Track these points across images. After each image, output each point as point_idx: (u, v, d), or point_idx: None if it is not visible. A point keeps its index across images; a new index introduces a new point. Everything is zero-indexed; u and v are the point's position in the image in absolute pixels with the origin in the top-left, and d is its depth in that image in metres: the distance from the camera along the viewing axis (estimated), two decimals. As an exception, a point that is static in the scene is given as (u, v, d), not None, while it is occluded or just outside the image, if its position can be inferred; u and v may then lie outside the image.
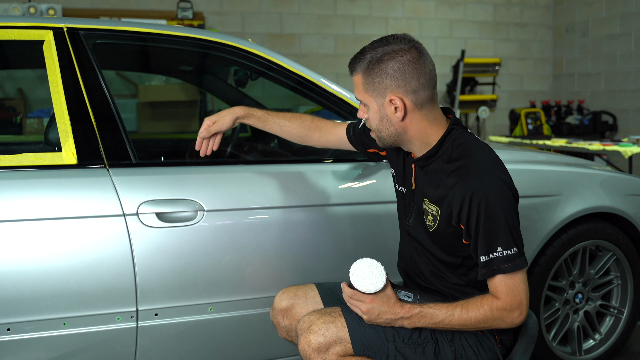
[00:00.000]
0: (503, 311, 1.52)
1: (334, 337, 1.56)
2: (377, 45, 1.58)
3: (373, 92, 1.60)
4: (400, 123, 1.60)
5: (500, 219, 1.50)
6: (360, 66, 1.60)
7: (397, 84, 1.56)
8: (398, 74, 1.55)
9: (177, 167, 2.02)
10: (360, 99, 1.65)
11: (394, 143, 1.67)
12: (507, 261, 1.50)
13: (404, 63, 1.55)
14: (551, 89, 8.52)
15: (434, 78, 1.60)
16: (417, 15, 7.77)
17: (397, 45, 1.57)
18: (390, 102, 1.58)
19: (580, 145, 5.15)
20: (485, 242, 1.51)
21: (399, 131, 1.62)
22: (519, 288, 1.52)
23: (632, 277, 2.61)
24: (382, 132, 1.64)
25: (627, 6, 7.32)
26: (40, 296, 1.74)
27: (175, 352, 1.92)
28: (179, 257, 1.87)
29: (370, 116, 1.64)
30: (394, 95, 1.57)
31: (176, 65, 3.09)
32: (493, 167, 1.56)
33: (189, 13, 6.63)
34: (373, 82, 1.58)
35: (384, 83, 1.57)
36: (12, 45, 2.20)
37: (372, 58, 1.57)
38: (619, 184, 2.58)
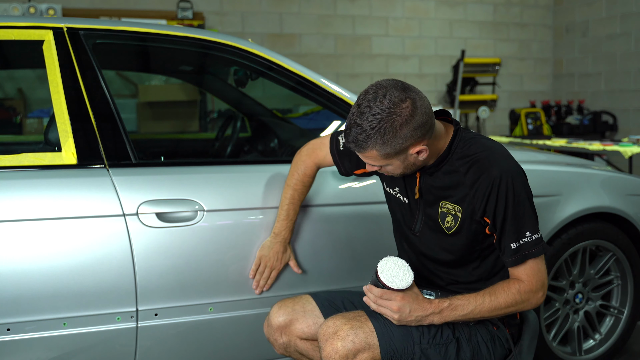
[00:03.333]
0: (530, 293, 1.57)
1: (363, 343, 1.52)
2: (374, 117, 1.46)
3: (395, 156, 1.53)
4: (424, 159, 1.59)
5: (526, 204, 1.56)
6: (374, 141, 1.48)
7: (416, 137, 1.50)
8: (412, 130, 1.49)
9: (177, 167, 2.02)
10: (379, 165, 1.57)
11: (415, 171, 1.65)
12: (535, 245, 1.56)
13: (412, 117, 1.47)
14: (551, 89, 8.52)
15: (429, 103, 1.56)
16: (417, 15, 7.76)
17: (390, 103, 1.46)
18: (416, 153, 1.54)
19: (580, 145, 5.15)
20: (514, 228, 1.55)
21: (419, 165, 1.61)
22: (542, 269, 1.58)
23: (632, 277, 2.61)
24: (406, 172, 1.63)
25: (627, 6, 7.32)
26: (40, 296, 1.73)
27: (175, 352, 1.92)
28: (179, 257, 1.87)
29: (390, 169, 1.60)
30: (416, 147, 1.53)
31: (176, 65, 3.09)
32: (507, 156, 1.60)
33: (189, 13, 6.63)
34: (393, 149, 1.50)
35: (405, 144, 1.50)
36: (12, 45, 2.20)
37: (382, 129, 1.46)
38: (619, 184, 2.58)
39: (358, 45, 7.51)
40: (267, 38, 7.05)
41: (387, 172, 1.63)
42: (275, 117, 3.41)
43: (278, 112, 3.86)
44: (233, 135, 2.87)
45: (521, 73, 8.35)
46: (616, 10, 7.45)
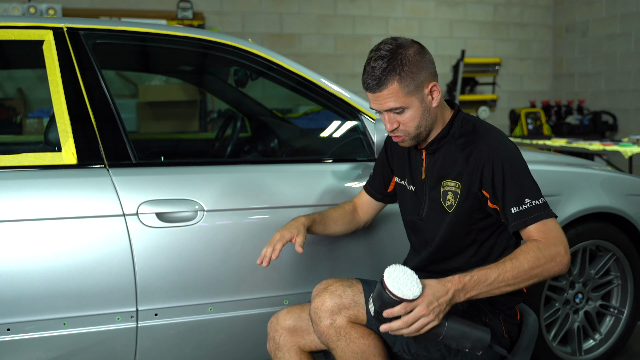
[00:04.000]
0: (550, 248, 1.49)
1: (350, 300, 1.56)
2: (385, 52, 1.57)
3: (415, 90, 1.59)
4: (435, 109, 1.65)
5: (522, 172, 1.58)
6: (392, 74, 1.56)
7: (429, 71, 1.61)
8: (425, 62, 1.60)
9: (177, 167, 2.01)
10: (397, 107, 1.60)
11: (426, 135, 1.68)
12: (538, 210, 1.54)
13: (421, 53, 1.60)
14: (551, 89, 8.52)
15: None
16: (417, 15, 7.77)
17: (399, 43, 1.59)
18: (429, 92, 1.61)
19: (580, 145, 5.15)
20: (514, 195, 1.55)
21: (433, 118, 1.66)
22: (556, 228, 1.53)
23: (632, 277, 2.61)
24: (421, 127, 1.65)
25: (627, 6, 7.32)
26: (40, 296, 1.73)
27: (175, 352, 1.92)
28: (179, 257, 1.87)
29: (408, 118, 1.62)
30: (431, 83, 1.61)
31: (176, 65, 3.09)
32: (501, 134, 1.66)
33: (189, 13, 6.63)
34: (413, 80, 1.57)
35: (421, 76, 1.59)
36: (12, 45, 2.20)
37: (399, 61, 1.56)
38: (619, 184, 2.58)
39: (358, 45, 7.51)
40: (267, 38, 7.05)
41: (404, 127, 1.63)
42: (275, 117, 3.41)
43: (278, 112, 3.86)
44: (233, 135, 2.87)
45: (521, 73, 8.35)
46: (616, 10, 7.45)
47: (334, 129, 2.56)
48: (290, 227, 1.79)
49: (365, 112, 2.19)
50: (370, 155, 2.18)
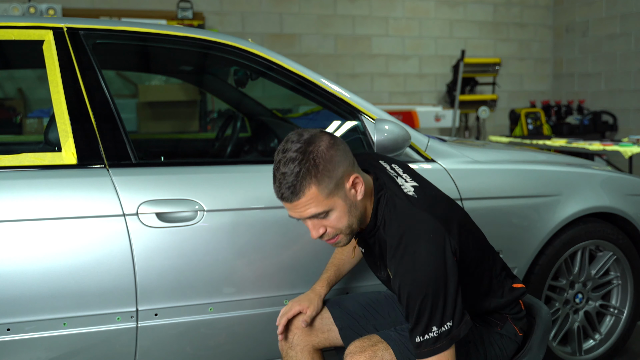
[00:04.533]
0: None
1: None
2: (293, 153, 1.42)
3: (335, 189, 1.45)
4: (361, 201, 1.52)
5: (437, 295, 1.41)
6: (307, 177, 1.41)
7: (347, 162, 1.48)
8: (340, 155, 1.46)
9: (177, 167, 2.01)
10: (320, 212, 1.46)
11: (360, 228, 1.57)
12: (439, 340, 1.41)
13: (334, 145, 1.46)
14: (551, 89, 8.52)
15: None
16: (417, 15, 7.77)
17: (309, 137, 1.45)
18: (351, 186, 1.48)
19: (580, 145, 5.15)
20: (418, 324, 1.43)
21: (362, 211, 1.54)
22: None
23: (632, 277, 2.61)
24: (353, 224, 1.52)
25: (627, 6, 7.32)
26: (40, 296, 1.73)
27: (175, 352, 1.92)
28: (179, 257, 1.87)
29: (335, 220, 1.49)
30: (349, 175, 1.48)
31: (176, 65, 3.09)
32: (424, 240, 1.44)
33: (189, 13, 6.63)
34: (331, 179, 1.43)
35: (339, 171, 1.45)
36: (12, 45, 2.20)
37: (311, 161, 1.41)
38: (619, 184, 2.58)
39: (358, 45, 7.51)
40: (267, 38, 7.05)
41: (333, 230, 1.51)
42: (275, 117, 3.41)
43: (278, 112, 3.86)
44: (233, 135, 2.87)
45: (521, 73, 8.36)
46: (616, 10, 7.45)
47: (334, 129, 2.55)
48: (304, 299, 1.78)
49: (365, 112, 2.19)
50: (370, 155, 2.18)
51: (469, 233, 1.61)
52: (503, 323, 1.68)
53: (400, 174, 1.64)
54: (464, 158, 2.32)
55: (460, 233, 1.53)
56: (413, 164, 2.21)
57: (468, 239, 1.58)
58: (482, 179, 2.29)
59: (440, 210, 1.54)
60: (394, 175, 1.62)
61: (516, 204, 2.31)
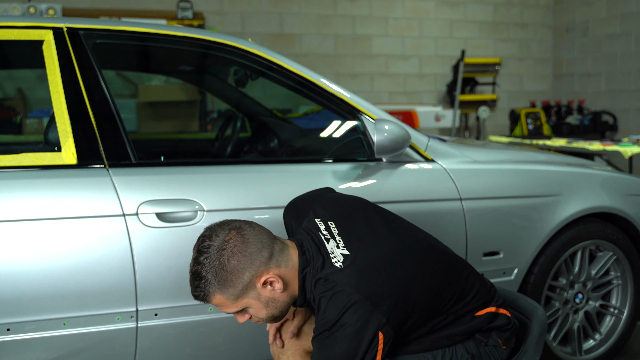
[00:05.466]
0: None
1: None
2: (201, 259, 1.45)
3: (242, 293, 1.46)
4: (283, 294, 1.51)
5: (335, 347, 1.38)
6: (212, 287, 1.44)
7: (256, 266, 1.46)
8: (248, 257, 1.45)
9: (177, 167, 2.01)
10: (236, 311, 1.50)
11: (285, 314, 1.57)
12: None
13: (240, 251, 1.45)
14: (551, 89, 8.52)
15: (267, 232, 1.52)
16: (417, 15, 7.77)
17: (215, 241, 1.45)
18: (263, 287, 1.48)
19: (580, 145, 5.15)
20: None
21: (286, 300, 1.53)
22: None
23: (632, 277, 2.61)
24: (275, 315, 1.53)
25: (627, 6, 7.32)
26: (40, 296, 1.73)
27: (175, 352, 1.92)
28: (179, 257, 1.87)
29: (254, 313, 1.51)
30: (261, 278, 1.47)
31: (176, 65, 3.09)
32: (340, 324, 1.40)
33: (189, 13, 6.63)
34: (234, 287, 1.45)
35: (244, 278, 1.45)
36: (12, 45, 2.20)
37: (214, 272, 1.43)
38: (619, 184, 2.58)
39: (358, 45, 7.51)
40: (267, 38, 7.05)
41: (257, 319, 1.53)
42: (275, 117, 3.41)
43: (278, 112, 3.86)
44: (233, 135, 2.87)
45: (521, 73, 8.35)
46: (616, 10, 7.45)
47: (334, 129, 2.55)
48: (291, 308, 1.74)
49: (365, 112, 2.19)
50: (370, 155, 2.18)
51: (421, 290, 1.50)
52: (487, 339, 1.64)
53: (334, 236, 1.55)
54: (464, 158, 2.32)
55: (398, 301, 1.44)
56: (413, 164, 2.21)
57: (414, 303, 1.48)
58: (482, 179, 2.29)
59: (371, 283, 1.44)
60: (325, 238, 1.55)
61: (516, 204, 2.31)
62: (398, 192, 2.14)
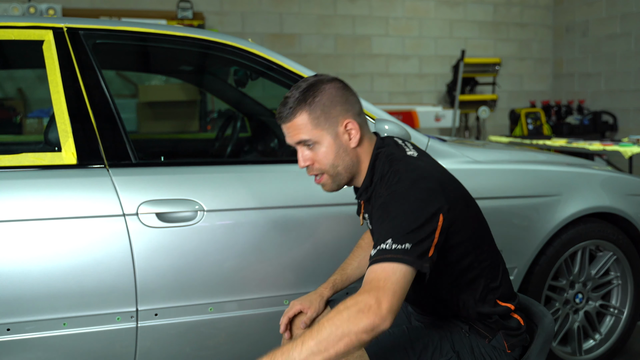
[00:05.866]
0: (358, 300, 1.28)
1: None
2: (303, 84, 1.52)
3: (325, 123, 1.51)
4: (354, 150, 1.55)
5: (397, 215, 1.40)
6: (301, 104, 1.50)
7: (346, 108, 1.53)
8: (343, 99, 1.53)
9: (177, 167, 2.02)
10: (307, 139, 1.52)
11: (348, 178, 1.58)
12: (391, 252, 1.35)
13: (341, 89, 1.54)
14: (551, 89, 8.52)
15: (360, 103, 1.59)
16: (417, 15, 7.77)
17: (320, 77, 1.54)
18: (345, 129, 1.53)
19: (580, 145, 5.15)
20: (380, 233, 1.40)
21: (354, 161, 1.56)
22: (387, 276, 1.32)
23: (632, 277, 2.61)
24: (338, 167, 1.55)
25: (627, 6, 7.32)
26: (40, 296, 1.73)
27: (175, 352, 1.92)
28: (179, 257, 1.87)
29: (322, 154, 1.54)
30: (347, 119, 1.52)
31: (176, 65, 3.09)
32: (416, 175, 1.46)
33: (189, 13, 6.63)
34: (323, 113, 1.50)
35: (335, 110, 1.51)
36: (12, 45, 2.20)
37: (312, 93, 1.50)
38: (619, 184, 2.59)
39: (358, 45, 7.51)
40: (267, 38, 7.05)
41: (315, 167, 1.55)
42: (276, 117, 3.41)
43: (278, 112, 3.84)
44: (233, 135, 2.87)
45: (521, 73, 8.36)
46: (616, 10, 7.45)
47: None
48: (305, 299, 1.78)
49: (365, 112, 2.19)
50: (370, 155, 2.17)
51: (475, 220, 1.59)
52: (492, 335, 1.63)
53: (408, 147, 1.62)
54: (464, 158, 2.32)
55: (457, 205, 1.49)
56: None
57: (467, 220, 1.54)
58: (482, 179, 2.29)
59: (443, 176, 1.54)
60: (401, 143, 1.62)
61: (516, 204, 2.31)
62: (398, 192, 2.14)
